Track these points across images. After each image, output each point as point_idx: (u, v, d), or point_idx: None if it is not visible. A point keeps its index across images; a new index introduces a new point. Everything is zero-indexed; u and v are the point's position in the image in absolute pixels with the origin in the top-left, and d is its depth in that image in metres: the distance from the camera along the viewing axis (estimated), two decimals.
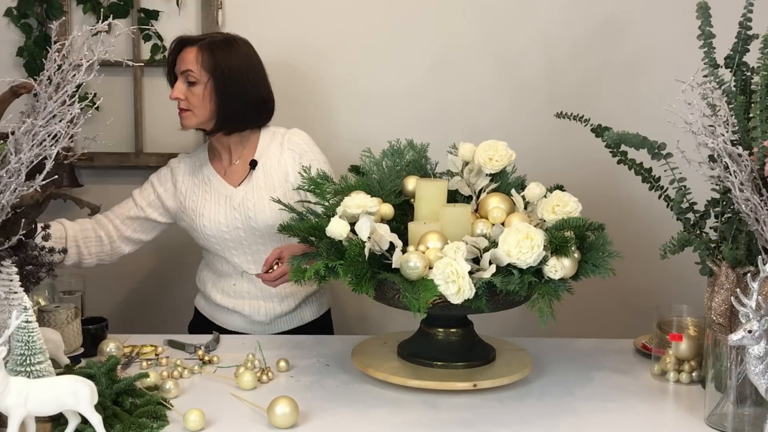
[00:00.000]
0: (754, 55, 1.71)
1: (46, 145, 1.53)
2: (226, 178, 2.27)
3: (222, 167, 2.29)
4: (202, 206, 2.25)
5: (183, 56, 2.18)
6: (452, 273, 1.66)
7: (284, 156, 2.25)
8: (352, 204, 1.80)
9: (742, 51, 1.78)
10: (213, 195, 2.26)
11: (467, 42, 2.74)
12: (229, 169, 2.28)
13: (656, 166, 1.87)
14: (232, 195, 2.24)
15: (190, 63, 2.16)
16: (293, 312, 2.33)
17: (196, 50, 2.16)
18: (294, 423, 1.62)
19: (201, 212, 2.25)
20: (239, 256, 2.26)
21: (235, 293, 2.31)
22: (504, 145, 1.94)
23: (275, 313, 2.31)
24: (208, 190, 2.27)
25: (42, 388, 1.42)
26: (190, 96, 2.17)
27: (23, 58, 2.66)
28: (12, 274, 1.60)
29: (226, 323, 2.33)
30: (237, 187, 2.25)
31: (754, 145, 1.62)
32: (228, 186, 2.26)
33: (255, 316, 2.30)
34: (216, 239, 2.25)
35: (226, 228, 2.23)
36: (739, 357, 1.60)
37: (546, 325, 1.67)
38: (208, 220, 2.24)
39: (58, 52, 1.58)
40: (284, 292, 2.29)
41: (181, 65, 2.18)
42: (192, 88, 2.17)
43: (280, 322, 2.32)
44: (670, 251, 1.80)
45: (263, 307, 2.30)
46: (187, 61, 2.16)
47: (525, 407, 1.75)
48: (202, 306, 2.40)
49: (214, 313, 2.36)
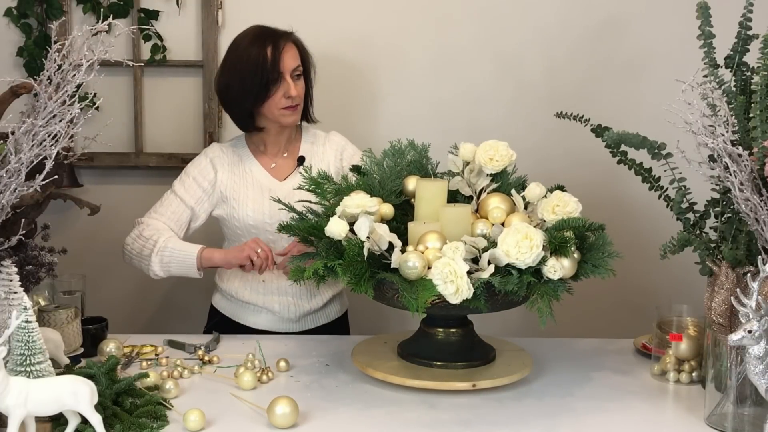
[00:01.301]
0: (754, 55, 1.70)
1: (46, 145, 1.53)
2: (272, 172, 2.30)
3: (269, 161, 2.31)
4: (245, 196, 2.27)
5: (288, 53, 2.20)
6: (450, 273, 1.66)
7: (327, 154, 2.33)
8: (351, 204, 1.80)
9: (742, 51, 1.78)
10: (256, 186, 2.27)
11: (467, 42, 2.74)
12: (276, 162, 2.31)
13: (656, 166, 1.87)
14: (277, 189, 2.26)
15: (296, 58, 2.21)
16: (320, 310, 2.35)
17: (293, 45, 2.21)
18: (294, 423, 1.62)
19: (245, 202, 2.26)
20: (275, 249, 2.24)
21: (265, 290, 2.30)
22: (505, 146, 1.94)
23: (304, 311, 2.31)
24: (251, 181, 2.28)
25: (42, 388, 1.42)
26: (301, 91, 2.23)
27: (23, 58, 2.66)
28: (12, 274, 1.60)
29: (252, 322, 2.32)
30: (283, 181, 2.28)
31: (754, 145, 1.62)
32: (273, 180, 2.28)
33: (285, 313, 2.30)
34: (257, 230, 2.26)
35: (269, 219, 2.24)
36: (739, 357, 1.60)
37: (545, 326, 1.67)
38: (252, 210, 2.25)
39: (58, 52, 1.58)
40: (313, 290, 2.30)
41: (290, 62, 2.20)
42: (300, 82, 2.22)
43: (307, 320, 2.33)
44: (670, 251, 1.80)
45: (293, 305, 2.30)
46: (294, 57, 2.21)
47: (524, 407, 1.75)
48: (223, 305, 2.37)
49: (237, 311, 2.34)
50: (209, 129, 2.73)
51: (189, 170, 2.30)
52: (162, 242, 2.17)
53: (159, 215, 2.25)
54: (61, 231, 2.69)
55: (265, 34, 2.21)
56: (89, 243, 2.72)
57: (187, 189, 2.27)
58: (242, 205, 2.26)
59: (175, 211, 2.26)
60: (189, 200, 2.27)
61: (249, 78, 2.17)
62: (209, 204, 2.29)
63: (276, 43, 2.18)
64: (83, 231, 2.73)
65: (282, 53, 2.18)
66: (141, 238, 2.20)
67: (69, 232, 2.73)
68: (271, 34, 2.21)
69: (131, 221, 2.29)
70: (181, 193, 2.27)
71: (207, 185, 2.28)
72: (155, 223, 2.23)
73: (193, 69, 2.74)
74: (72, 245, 1.98)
